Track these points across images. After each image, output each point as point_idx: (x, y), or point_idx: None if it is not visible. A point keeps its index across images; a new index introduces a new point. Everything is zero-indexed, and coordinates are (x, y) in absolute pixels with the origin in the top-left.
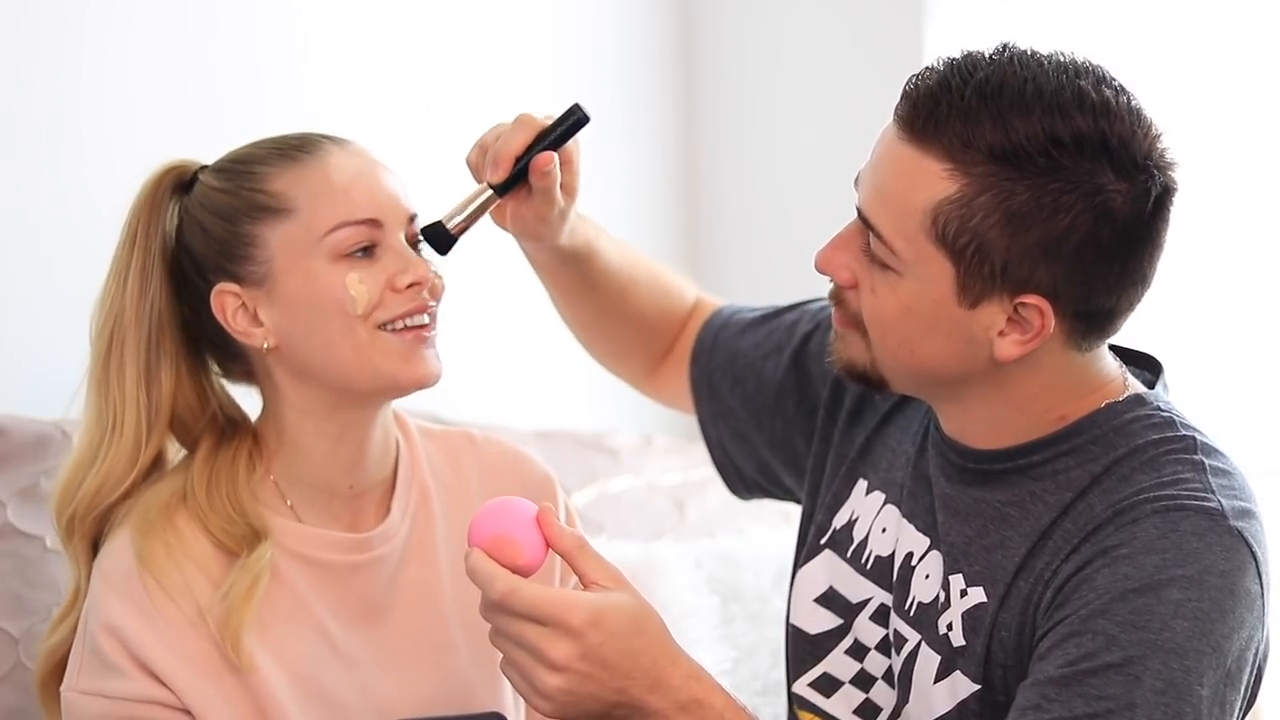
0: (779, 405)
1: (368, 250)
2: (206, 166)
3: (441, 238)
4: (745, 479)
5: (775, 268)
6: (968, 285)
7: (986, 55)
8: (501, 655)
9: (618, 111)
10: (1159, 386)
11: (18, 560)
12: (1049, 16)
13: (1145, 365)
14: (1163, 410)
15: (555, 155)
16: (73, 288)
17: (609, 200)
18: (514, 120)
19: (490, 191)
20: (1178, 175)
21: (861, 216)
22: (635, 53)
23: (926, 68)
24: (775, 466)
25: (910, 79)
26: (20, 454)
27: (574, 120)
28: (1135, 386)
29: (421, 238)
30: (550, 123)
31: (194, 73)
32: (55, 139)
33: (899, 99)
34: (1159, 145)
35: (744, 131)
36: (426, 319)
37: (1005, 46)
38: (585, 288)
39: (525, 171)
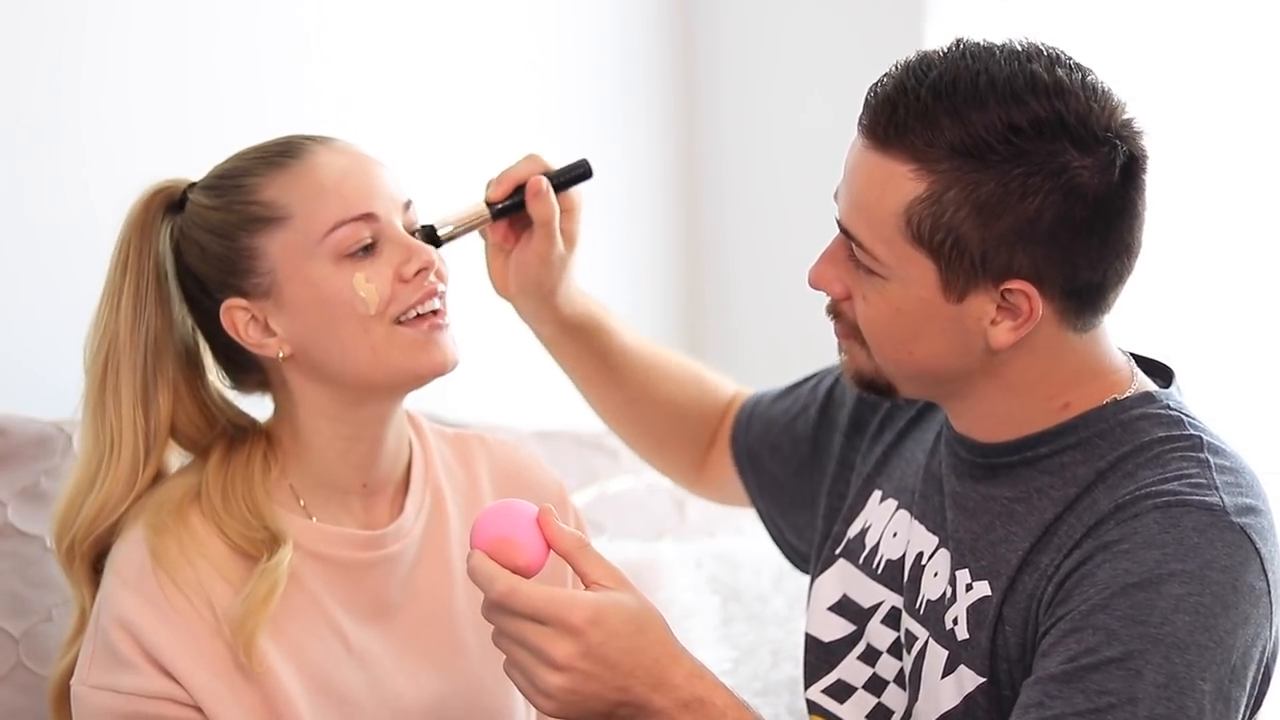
0: (815, 460)
1: (369, 248)
2: (195, 184)
3: (429, 240)
4: (798, 551)
5: (776, 268)
6: (951, 280)
7: (940, 53)
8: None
9: (618, 111)
10: (1172, 389)
11: (18, 560)
12: (1049, 16)
13: (1158, 373)
14: (1171, 409)
15: (548, 181)
16: (73, 288)
17: (609, 200)
18: (524, 155)
19: (485, 209)
20: (1145, 143)
21: (841, 228)
22: (635, 53)
23: (884, 74)
24: (813, 529)
25: (870, 88)
26: (20, 454)
27: (579, 172)
28: (1144, 384)
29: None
30: (557, 168)
31: (194, 74)
32: (55, 140)
33: (862, 109)
34: (1120, 116)
35: (744, 131)
36: (438, 304)
37: (959, 42)
38: (603, 368)
39: (523, 205)
